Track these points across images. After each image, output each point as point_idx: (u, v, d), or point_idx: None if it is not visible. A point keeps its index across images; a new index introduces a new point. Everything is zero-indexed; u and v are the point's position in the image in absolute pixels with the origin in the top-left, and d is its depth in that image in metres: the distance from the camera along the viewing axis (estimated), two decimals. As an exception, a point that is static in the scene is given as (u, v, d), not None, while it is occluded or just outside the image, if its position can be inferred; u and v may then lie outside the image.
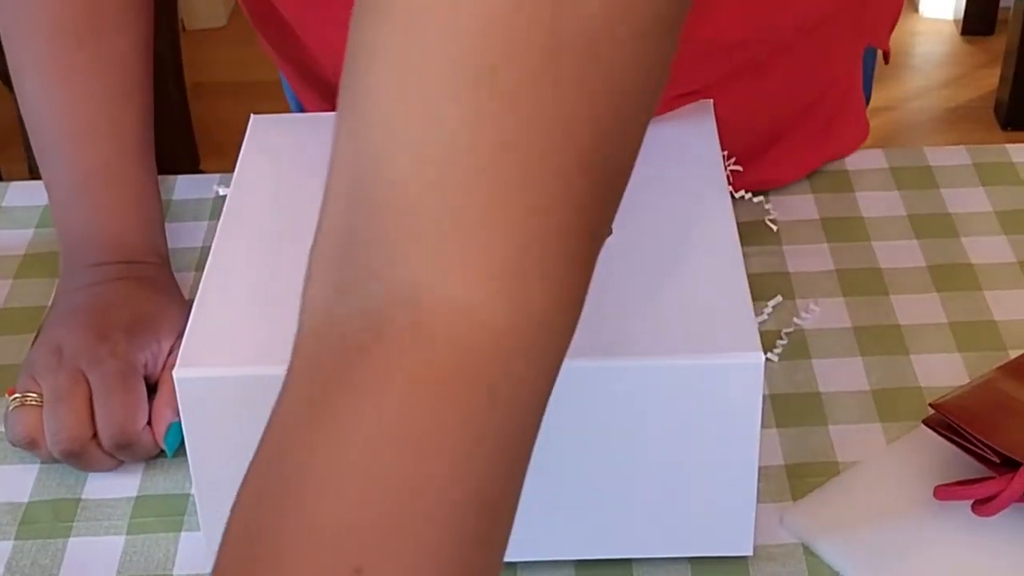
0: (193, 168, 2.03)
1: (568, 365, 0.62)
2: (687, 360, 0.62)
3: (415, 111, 0.44)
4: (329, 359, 0.45)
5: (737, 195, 0.73)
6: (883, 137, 2.31)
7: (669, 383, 0.63)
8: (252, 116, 0.77)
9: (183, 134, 2.00)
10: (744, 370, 0.62)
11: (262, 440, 0.46)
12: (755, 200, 0.77)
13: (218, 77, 2.34)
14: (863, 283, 0.83)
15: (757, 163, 0.87)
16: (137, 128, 0.82)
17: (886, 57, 0.96)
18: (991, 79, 2.44)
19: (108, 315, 0.76)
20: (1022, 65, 2.29)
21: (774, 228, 0.81)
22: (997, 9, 2.57)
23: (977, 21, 2.58)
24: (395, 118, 0.45)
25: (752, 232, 0.84)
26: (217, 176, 0.91)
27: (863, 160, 0.93)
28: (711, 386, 0.63)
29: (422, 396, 0.44)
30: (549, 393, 0.47)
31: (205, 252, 0.83)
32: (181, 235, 0.88)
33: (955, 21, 2.62)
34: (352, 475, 0.43)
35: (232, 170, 0.75)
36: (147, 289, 0.78)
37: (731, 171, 0.74)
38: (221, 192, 0.78)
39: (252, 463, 0.46)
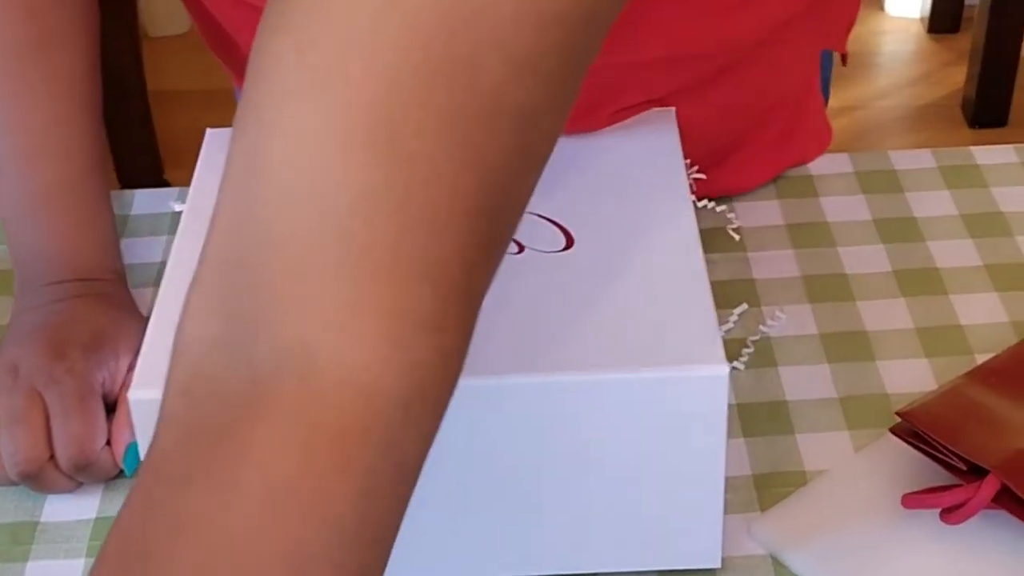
0: (157, 177, 2.02)
1: (530, 380, 0.62)
2: (650, 373, 0.62)
3: (310, 168, 0.44)
4: (210, 413, 0.44)
5: (700, 204, 0.72)
6: (851, 137, 2.31)
7: (633, 397, 0.62)
8: (208, 130, 0.76)
9: (146, 144, 1.99)
10: (709, 382, 0.62)
11: (132, 492, 0.45)
12: (718, 209, 0.77)
13: (182, 85, 2.32)
14: (829, 289, 0.83)
15: (717, 170, 0.86)
16: (89, 144, 0.80)
17: (844, 60, 0.96)
18: (958, 77, 2.44)
19: (65, 333, 0.74)
20: (988, 62, 2.30)
21: (736, 238, 0.80)
22: (963, 7, 2.57)
23: (943, 19, 2.58)
24: (290, 172, 0.44)
25: (717, 239, 0.83)
26: (175, 190, 0.90)
27: (828, 165, 0.92)
28: (676, 399, 0.62)
29: (307, 463, 0.43)
30: (430, 447, 0.47)
31: (164, 268, 0.82)
32: (139, 250, 0.87)
33: (921, 19, 2.62)
34: (230, 542, 0.42)
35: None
36: (104, 306, 0.77)
37: (694, 179, 0.73)
38: (177, 208, 0.76)
39: (119, 518, 0.45)
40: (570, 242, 0.68)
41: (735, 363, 0.77)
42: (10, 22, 0.79)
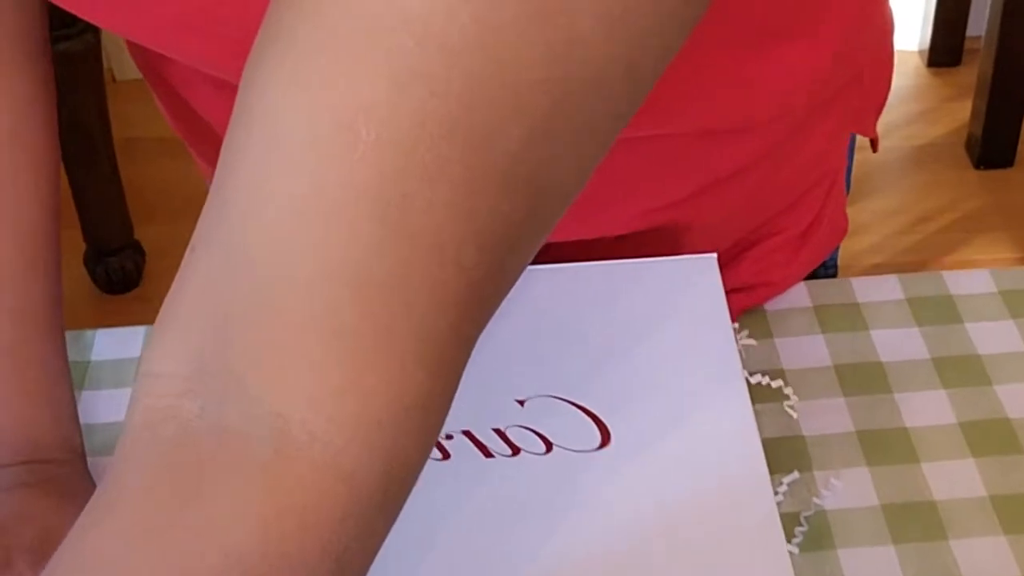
0: (127, 237, 1.91)
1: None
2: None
3: (307, 235, 0.40)
4: (174, 464, 0.41)
5: (753, 380, 0.62)
6: (854, 181, 2.21)
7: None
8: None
9: (114, 202, 1.87)
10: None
11: (81, 539, 0.41)
12: (773, 385, 0.67)
13: (151, 131, 2.21)
14: (889, 447, 0.73)
15: (734, 267, 0.78)
16: (45, 302, 0.68)
17: (874, 146, 0.88)
18: (960, 113, 2.35)
19: (8, 535, 0.63)
20: (995, 99, 2.19)
21: (794, 415, 0.70)
22: (964, 39, 2.47)
23: (944, 52, 2.48)
24: (286, 236, 0.40)
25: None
26: (141, 330, 0.79)
27: (875, 289, 0.82)
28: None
29: (274, 546, 0.40)
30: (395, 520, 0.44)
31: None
32: (100, 407, 0.75)
33: (920, 52, 2.52)
34: None
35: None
36: (55, 497, 0.65)
37: (743, 345, 0.63)
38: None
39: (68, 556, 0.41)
40: (606, 438, 0.58)
41: (789, 546, 0.67)
42: None
